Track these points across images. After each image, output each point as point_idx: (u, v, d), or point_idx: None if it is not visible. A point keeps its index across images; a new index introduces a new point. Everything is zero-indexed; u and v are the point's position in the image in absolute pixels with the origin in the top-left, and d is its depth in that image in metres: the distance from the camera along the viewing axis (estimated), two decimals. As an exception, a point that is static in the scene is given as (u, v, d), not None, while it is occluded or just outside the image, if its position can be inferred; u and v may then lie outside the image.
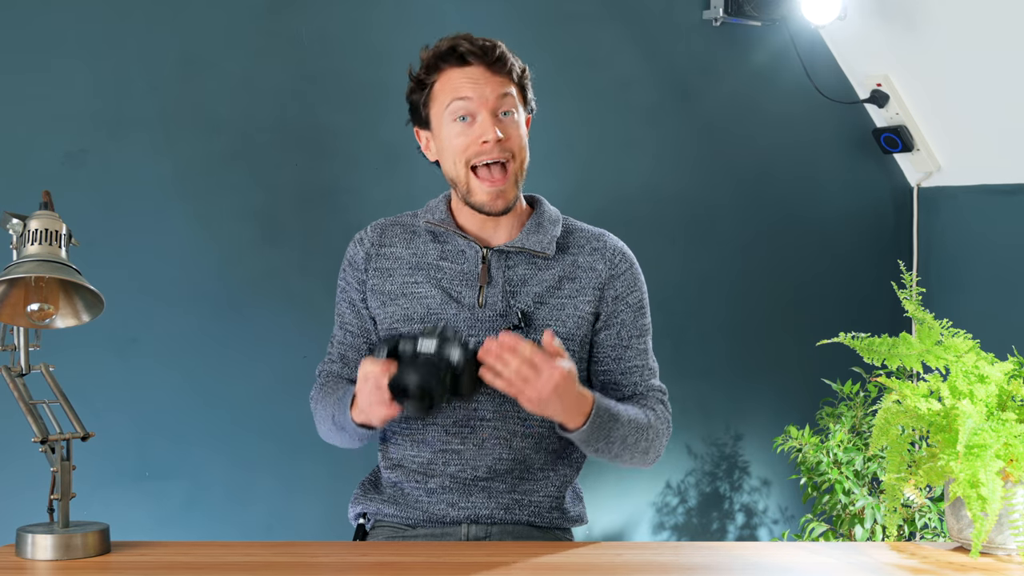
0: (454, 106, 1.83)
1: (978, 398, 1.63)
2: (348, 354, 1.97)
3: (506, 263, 1.89)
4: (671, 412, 1.98)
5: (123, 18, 2.61)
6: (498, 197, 1.84)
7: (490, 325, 1.86)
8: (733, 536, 3.23)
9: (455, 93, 1.83)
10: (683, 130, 3.16)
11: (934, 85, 3.08)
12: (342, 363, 1.97)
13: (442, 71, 1.85)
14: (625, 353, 1.93)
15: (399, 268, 1.91)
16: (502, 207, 1.85)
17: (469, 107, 1.82)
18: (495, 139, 1.81)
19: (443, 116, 1.85)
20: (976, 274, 3.16)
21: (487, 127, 1.81)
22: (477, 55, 1.82)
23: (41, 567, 1.53)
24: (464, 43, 1.83)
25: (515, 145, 1.84)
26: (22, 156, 2.54)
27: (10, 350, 1.63)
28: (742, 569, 1.57)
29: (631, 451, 1.84)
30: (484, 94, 1.82)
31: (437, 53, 1.84)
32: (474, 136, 1.82)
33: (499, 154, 1.82)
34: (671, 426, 1.96)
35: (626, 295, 1.93)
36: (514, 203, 1.87)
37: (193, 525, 2.68)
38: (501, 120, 1.83)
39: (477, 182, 1.84)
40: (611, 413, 1.79)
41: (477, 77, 1.83)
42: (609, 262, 1.93)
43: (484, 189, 1.84)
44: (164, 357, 2.65)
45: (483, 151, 1.82)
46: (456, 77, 1.84)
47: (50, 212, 1.62)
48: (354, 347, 1.96)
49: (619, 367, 1.93)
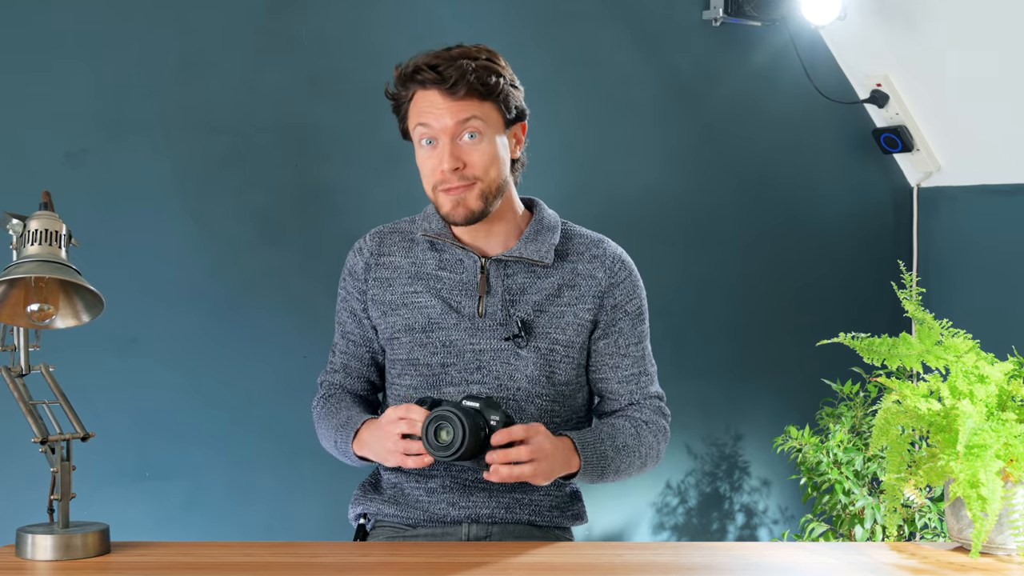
0: (418, 131, 1.83)
1: (978, 398, 1.63)
2: (351, 363, 1.98)
3: (505, 272, 1.89)
4: (670, 416, 1.98)
5: (123, 18, 2.61)
6: (458, 205, 1.83)
7: (490, 334, 1.86)
8: (733, 536, 3.23)
9: (418, 118, 1.82)
10: (683, 130, 3.16)
11: (934, 85, 3.08)
12: (344, 373, 1.98)
13: (411, 91, 1.84)
14: (623, 362, 1.93)
15: (398, 278, 1.91)
16: (463, 216, 1.83)
17: (430, 132, 1.82)
18: (451, 168, 1.80)
19: (414, 135, 1.86)
20: (976, 274, 3.16)
21: (444, 155, 1.81)
22: (434, 81, 1.80)
23: (41, 567, 1.53)
24: (423, 68, 1.80)
25: (477, 170, 1.82)
26: (22, 156, 2.54)
27: (10, 350, 1.63)
28: (742, 569, 1.57)
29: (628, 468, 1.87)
30: (443, 120, 1.80)
31: (403, 74, 1.83)
32: (434, 163, 1.83)
33: (458, 181, 1.81)
34: (669, 432, 1.96)
35: (624, 303, 1.93)
36: (482, 214, 1.85)
37: (193, 525, 2.68)
38: (459, 146, 1.81)
39: (442, 196, 1.84)
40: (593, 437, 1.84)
41: (436, 102, 1.81)
42: (609, 270, 1.92)
43: (446, 199, 1.84)
44: (164, 357, 2.65)
45: (444, 179, 1.82)
46: (420, 100, 1.83)
47: (50, 212, 1.62)
48: (356, 356, 1.97)
49: (616, 375, 1.93)
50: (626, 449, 1.86)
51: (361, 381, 1.99)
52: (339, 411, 1.91)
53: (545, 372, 1.88)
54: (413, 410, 1.71)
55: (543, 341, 1.87)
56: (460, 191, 1.82)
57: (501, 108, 1.84)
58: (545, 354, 1.87)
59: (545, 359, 1.87)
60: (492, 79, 1.81)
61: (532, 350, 1.87)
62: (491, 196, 1.84)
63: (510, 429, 1.69)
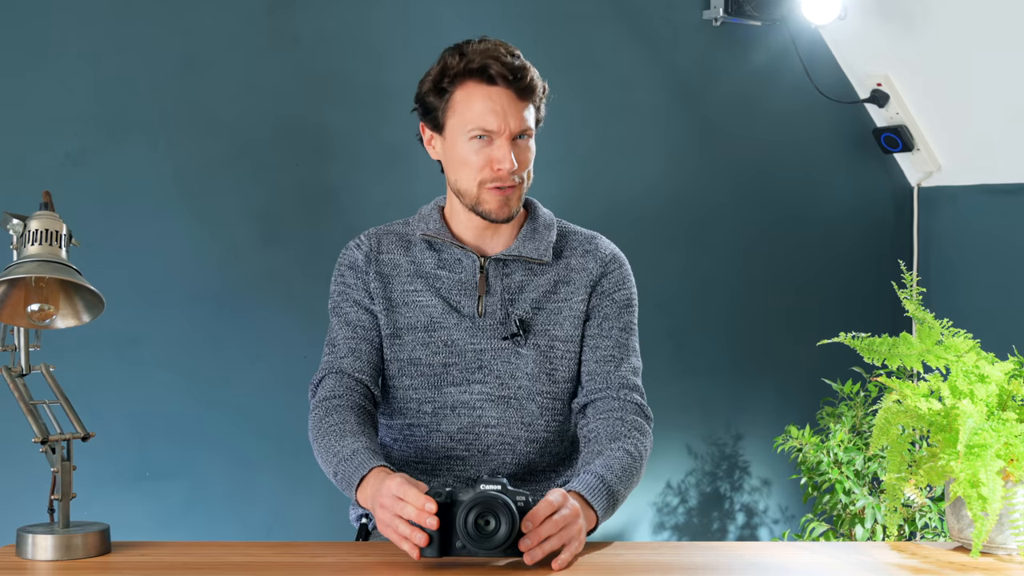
0: (474, 127, 1.80)
1: (978, 398, 1.63)
2: (360, 347, 1.88)
3: (503, 271, 1.89)
4: (652, 418, 1.90)
5: (124, 18, 2.61)
6: (504, 206, 1.83)
7: (490, 334, 1.86)
8: (734, 536, 3.23)
9: (479, 120, 1.79)
10: (683, 130, 3.16)
11: (934, 85, 3.08)
12: (353, 356, 1.87)
13: (466, 84, 1.81)
14: (602, 343, 1.89)
15: (398, 275, 1.90)
16: (506, 215, 1.85)
17: (490, 130, 1.80)
18: (509, 170, 1.80)
19: (460, 130, 1.82)
20: (976, 274, 3.16)
21: (504, 155, 1.80)
22: (508, 79, 1.79)
23: (41, 567, 1.53)
24: (495, 64, 1.78)
25: (526, 170, 1.84)
26: (22, 156, 2.54)
27: (10, 350, 1.63)
28: (742, 569, 1.57)
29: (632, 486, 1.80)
30: (507, 121, 1.80)
31: (467, 68, 1.80)
32: (490, 159, 1.81)
33: (513, 181, 1.82)
34: (652, 438, 1.88)
35: (612, 291, 1.93)
36: (517, 213, 1.87)
37: (193, 525, 2.68)
38: (517, 145, 1.82)
39: (487, 193, 1.83)
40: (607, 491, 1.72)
41: (503, 101, 1.79)
42: (600, 261, 1.93)
43: (495, 198, 1.82)
44: (164, 357, 2.65)
45: (497, 176, 1.81)
46: (479, 95, 1.80)
47: (50, 212, 1.62)
48: (366, 339, 1.88)
49: (595, 355, 1.89)
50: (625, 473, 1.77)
51: (370, 366, 1.88)
52: (343, 435, 1.76)
53: (546, 370, 1.87)
54: (411, 494, 1.53)
55: (542, 339, 1.87)
56: (511, 191, 1.83)
57: (539, 112, 1.87)
58: (545, 351, 1.87)
59: (545, 356, 1.87)
60: (540, 84, 1.85)
61: (532, 348, 1.86)
62: (524, 195, 1.88)
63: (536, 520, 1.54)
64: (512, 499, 1.52)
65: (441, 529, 1.52)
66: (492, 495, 1.50)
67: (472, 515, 1.50)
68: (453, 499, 1.53)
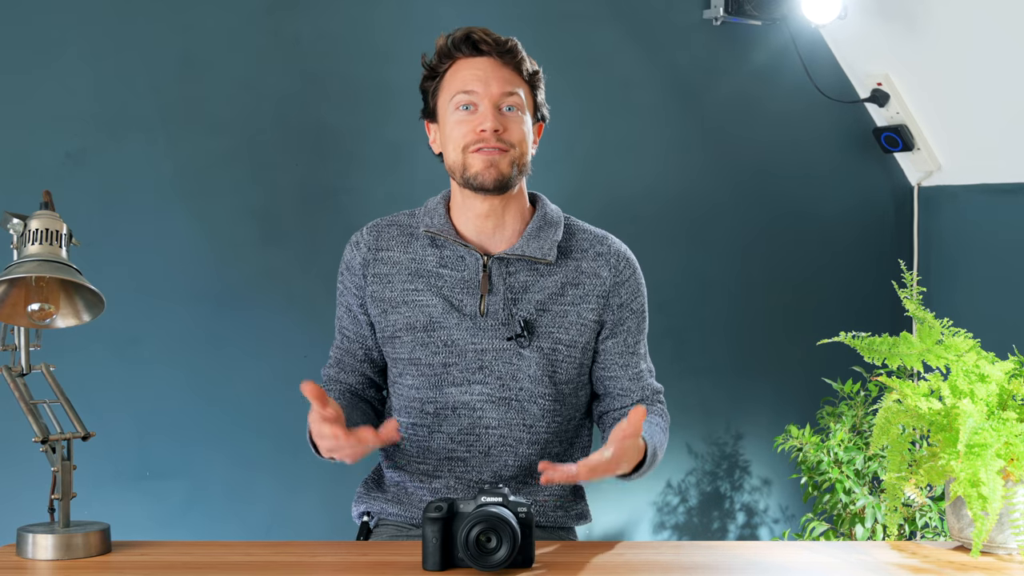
0: (459, 97, 1.83)
1: (979, 397, 1.63)
2: (344, 359, 1.97)
3: (507, 270, 1.88)
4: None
5: (124, 18, 2.61)
6: (491, 167, 1.81)
7: (492, 334, 1.86)
8: (734, 535, 3.23)
9: (462, 85, 1.83)
10: (683, 130, 3.16)
11: (934, 85, 3.08)
12: (339, 367, 1.97)
13: (454, 60, 1.86)
14: (632, 360, 1.94)
15: (398, 274, 1.90)
16: (494, 178, 1.82)
17: (473, 98, 1.83)
18: (492, 129, 1.81)
19: (448, 106, 1.85)
20: (976, 273, 3.16)
21: (486, 116, 1.82)
22: (489, 44, 1.84)
23: (41, 567, 1.53)
24: (478, 31, 1.85)
25: (514, 138, 1.82)
26: (22, 156, 2.54)
27: (11, 350, 1.63)
28: (743, 568, 1.57)
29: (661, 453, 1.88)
30: (489, 86, 1.82)
31: (452, 41, 1.86)
32: (473, 124, 1.82)
33: (496, 143, 1.81)
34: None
35: (630, 302, 1.93)
36: (509, 183, 1.84)
37: (193, 525, 2.68)
38: (503, 114, 1.83)
39: (472, 157, 1.82)
40: (653, 450, 1.81)
41: (486, 68, 1.84)
42: (613, 268, 1.92)
43: (478, 159, 1.81)
44: (165, 356, 2.65)
45: (480, 139, 1.81)
46: (464, 67, 1.85)
47: (50, 212, 1.62)
48: (350, 352, 1.96)
49: (627, 373, 1.93)
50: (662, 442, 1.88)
51: (355, 375, 1.97)
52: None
53: (548, 372, 1.87)
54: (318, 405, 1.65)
55: (546, 341, 1.87)
56: (496, 153, 1.82)
57: (534, 97, 1.89)
58: (548, 353, 1.87)
59: (548, 358, 1.87)
60: (532, 67, 1.89)
61: (535, 350, 1.86)
62: (519, 168, 1.84)
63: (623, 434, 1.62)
64: (514, 511, 1.52)
65: (442, 542, 1.52)
66: (495, 513, 1.49)
67: (474, 531, 1.49)
68: (455, 512, 1.53)
